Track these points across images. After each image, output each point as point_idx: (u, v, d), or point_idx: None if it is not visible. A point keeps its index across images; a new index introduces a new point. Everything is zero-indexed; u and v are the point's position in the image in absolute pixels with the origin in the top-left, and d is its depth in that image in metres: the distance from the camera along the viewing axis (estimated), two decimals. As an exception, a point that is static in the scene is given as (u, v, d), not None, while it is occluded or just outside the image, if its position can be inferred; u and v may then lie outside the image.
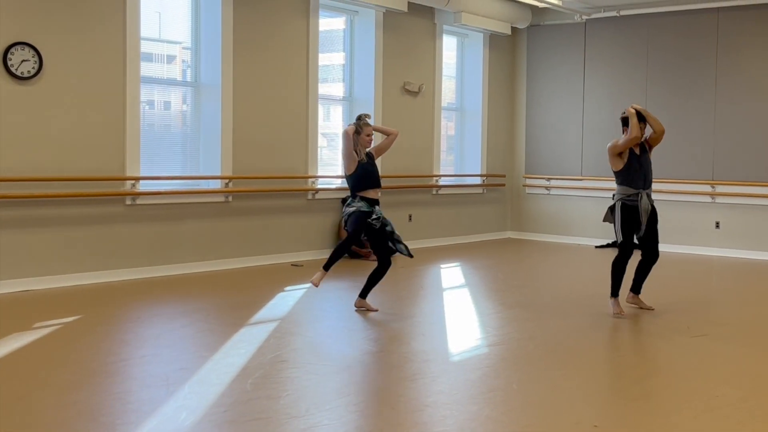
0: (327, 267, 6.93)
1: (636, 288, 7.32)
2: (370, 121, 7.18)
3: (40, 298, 7.49)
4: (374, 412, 4.51)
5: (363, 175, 6.99)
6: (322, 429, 4.14)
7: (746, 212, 11.43)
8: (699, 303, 7.92)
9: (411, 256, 7.10)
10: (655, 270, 7.18)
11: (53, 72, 7.91)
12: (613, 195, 7.14)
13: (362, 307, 7.04)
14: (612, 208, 7.12)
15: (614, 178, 7.15)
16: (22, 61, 7.64)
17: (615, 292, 7.01)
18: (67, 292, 7.74)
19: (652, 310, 7.19)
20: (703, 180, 11.71)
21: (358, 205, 6.90)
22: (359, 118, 7.10)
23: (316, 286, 6.89)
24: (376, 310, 6.98)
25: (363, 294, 7.10)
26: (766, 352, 5.99)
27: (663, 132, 7.15)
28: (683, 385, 5.08)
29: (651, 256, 7.17)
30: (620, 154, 7.01)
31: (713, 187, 11.66)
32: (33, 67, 7.73)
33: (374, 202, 6.99)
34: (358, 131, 7.00)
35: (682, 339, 6.29)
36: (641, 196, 6.94)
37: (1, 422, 4.17)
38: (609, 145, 7.11)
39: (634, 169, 7.01)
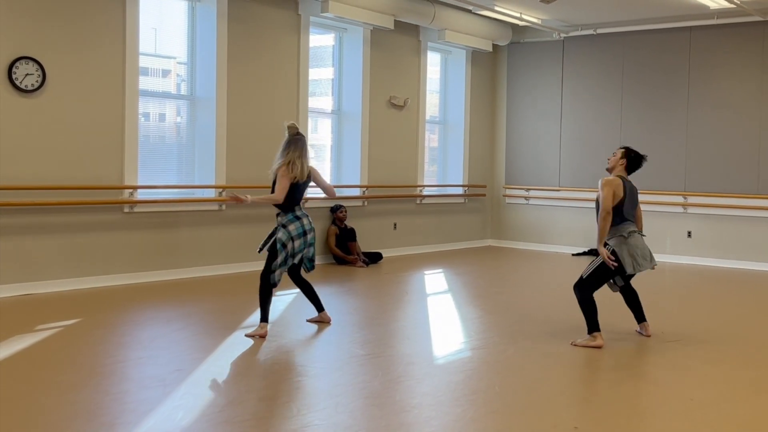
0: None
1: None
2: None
3: (42, 301, 7.47)
4: (362, 412, 4.51)
5: None
6: (312, 429, 4.14)
7: (717, 222, 11.52)
8: (672, 309, 7.93)
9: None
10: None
11: (55, 85, 7.90)
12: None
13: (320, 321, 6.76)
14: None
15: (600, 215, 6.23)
16: (26, 75, 7.64)
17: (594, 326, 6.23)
18: (68, 296, 7.72)
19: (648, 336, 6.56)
20: (676, 191, 11.79)
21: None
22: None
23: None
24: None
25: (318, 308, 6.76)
26: (737, 356, 6.00)
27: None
28: (658, 389, 5.08)
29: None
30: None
31: (685, 198, 11.74)
32: (36, 81, 7.72)
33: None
34: None
35: (656, 344, 6.29)
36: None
37: (3, 421, 4.17)
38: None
39: None
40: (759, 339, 6.64)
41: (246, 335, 6.19)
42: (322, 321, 6.75)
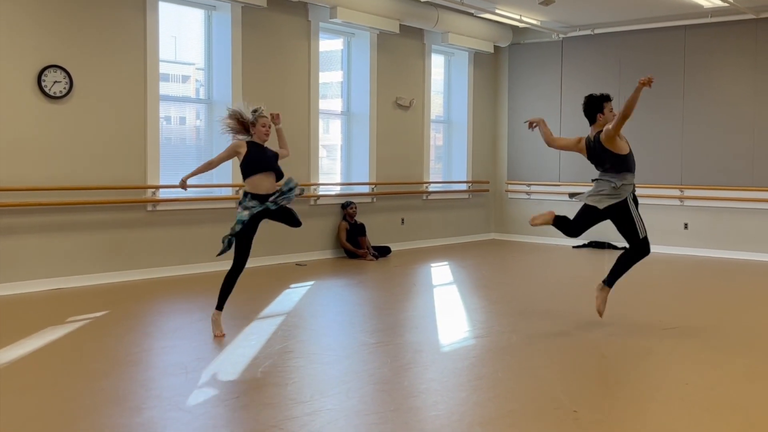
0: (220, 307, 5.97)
1: (612, 282, 6.32)
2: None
3: (72, 295, 7.57)
4: (372, 397, 4.54)
5: (253, 160, 5.86)
6: (325, 413, 4.18)
7: (712, 214, 11.52)
8: (669, 298, 7.92)
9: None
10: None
11: (82, 92, 8.01)
12: (614, 185, 6.08)
13: None
14: (624, 202, 6.12)
15: (606, 167, 6.09)
16: (55, 82, 7.75)
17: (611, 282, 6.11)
18: (96, 290, 7.82)
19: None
20: (673, 185, 11.78)
21: (245, 212, 5.85)
22: (254, 111, 5.94)
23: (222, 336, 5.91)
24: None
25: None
26: (732, 343, 5.98)
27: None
28: (655, 374, 5.07)
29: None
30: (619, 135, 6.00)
31: (682, 191, 11.74)
32: (64, 88, 7.83)
33: (265, 198, 5.86)
34: (253, 123, 5.92)
35: (654, 331, 6.28)
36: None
37: (37, 407, 4.25)
38: (605, 130, 6.07)
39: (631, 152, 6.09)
40: (752, 327, 6.63)
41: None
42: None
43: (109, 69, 8.23)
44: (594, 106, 6.30)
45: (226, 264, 9.25)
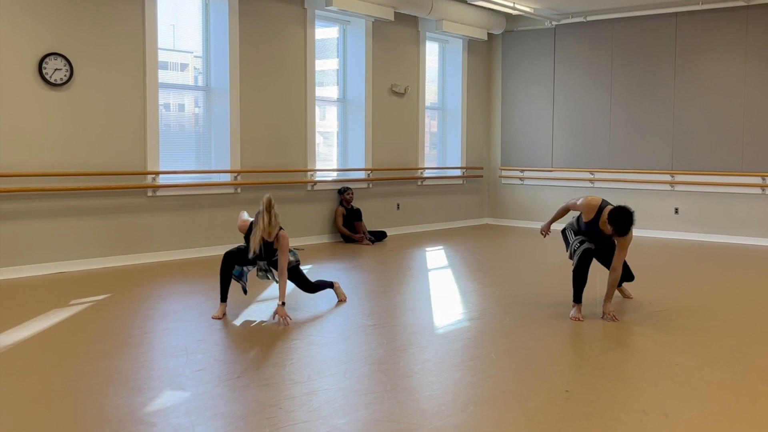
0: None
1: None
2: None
3: (75, 278, 7.59)
4: (369, 377, 4.56)
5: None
6: (322, 393, 4.20)
7: (702, 199, 11.56)
8: (660, 281, 7.92)
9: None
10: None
11: (82, 79, 8.00)
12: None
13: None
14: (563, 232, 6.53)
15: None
16: (55, 70, 7.74)
17: (577, 298, 6.17)
18: (98, 274, 7.84)
19: (631, 298, 6.89)
20: (663, 170, 11.82)
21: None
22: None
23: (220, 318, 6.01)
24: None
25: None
26: (720, 325, 6.00)
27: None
28: (645, 355, 5.09)
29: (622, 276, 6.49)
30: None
31: (672, 176, 11.78)
32: (65, 75, 7.82)
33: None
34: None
35: (644, 313, 6.31)
36: None
37: (41, 387, 4.28)
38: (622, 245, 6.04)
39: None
40: (740, 309, 6.64)
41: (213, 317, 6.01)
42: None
43: (109, 57, 8.22)
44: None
45: (223, 248, 9.29)
